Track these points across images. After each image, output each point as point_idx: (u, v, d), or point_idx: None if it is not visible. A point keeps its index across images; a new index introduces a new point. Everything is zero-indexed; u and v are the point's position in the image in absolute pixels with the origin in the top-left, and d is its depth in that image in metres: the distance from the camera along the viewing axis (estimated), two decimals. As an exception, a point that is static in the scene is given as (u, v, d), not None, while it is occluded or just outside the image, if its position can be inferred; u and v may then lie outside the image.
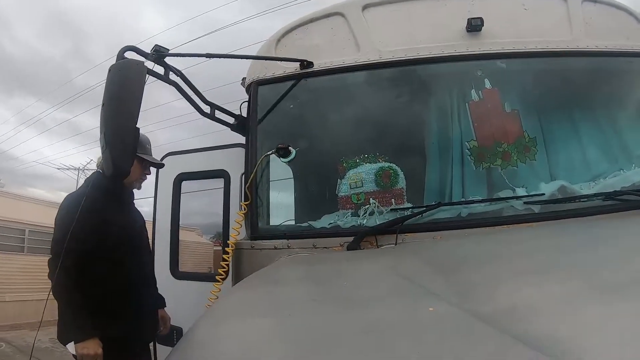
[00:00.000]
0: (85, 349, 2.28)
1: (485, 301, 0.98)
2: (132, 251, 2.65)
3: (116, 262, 2.51)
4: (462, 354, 0.79)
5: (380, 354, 0.84)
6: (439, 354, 0.80)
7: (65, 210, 2.50)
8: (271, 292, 1.48)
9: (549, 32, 2.25)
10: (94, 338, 2.31)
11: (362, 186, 2.05)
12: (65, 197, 2.68)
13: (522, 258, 1.33)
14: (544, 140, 2.13)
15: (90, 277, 2.39)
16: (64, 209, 2.51)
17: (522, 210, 1.93)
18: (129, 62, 1.89)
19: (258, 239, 2.09)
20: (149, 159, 2.84)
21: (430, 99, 2.24)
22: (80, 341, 2.30)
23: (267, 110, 2.31)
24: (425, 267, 1.36)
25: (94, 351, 2.28)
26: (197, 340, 1.16)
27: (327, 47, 2.30)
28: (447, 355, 0.79)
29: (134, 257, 2.66)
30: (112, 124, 1.81)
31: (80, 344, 2.29)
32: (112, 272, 2.48)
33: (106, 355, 2.33)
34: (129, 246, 2.62)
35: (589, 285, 0.98)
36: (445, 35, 2.23)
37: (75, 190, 2.85)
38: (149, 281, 2.85)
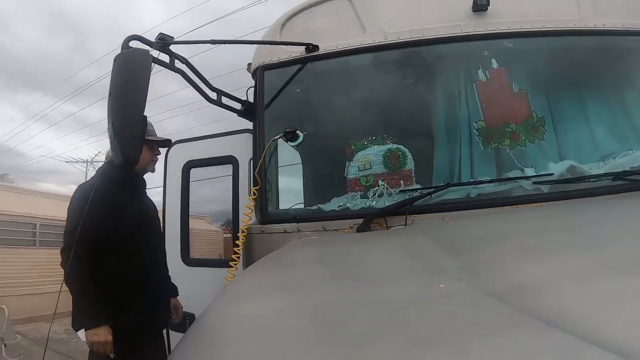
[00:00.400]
0: (95, 336, 2.30)
1: (496, 278, 0.98)
2: (144, 240, 2.66)
3: (128, 252, 2.52)
4: (473, 327, 0.80)
5: (393, 326, 0.85)
6: (452, 327, 0.81)
7: (76, 201, 2.50)
8: (282, 273, 1.49)
9: (556, 11, 2.22)
10: (105, 326, 2.33)
11: (370, 168, 2.06)
12: (77, 188, 2.69)
13: (531, 237, 1.33)
14: (552, 120, 2.12)
15: (102, 266, 2.41)
16: (75, 200, 2.53)
17: (531, 190, 1.93)
18: (134, 51, 1.89)
19: (268, 223, 2.11)
20: (154, 139, 2.80)
21: (437, 79, 2.22)
22: (90, 328, 2.33)
23: (274, 95, 2.31)
24: (436, 247, 1.37)
25: (104, 338, 2.30)
26: (209, 323, 1.16)
27: (332, 30, 2.29)
28: (459, 328, 0.80)
29: (146, 246, 2.67)
30: (119, 113, 1.82)
31: (90, 331, 2.32)
32: (124, 261, 2.49)
33: (117, 343, 2.36)
34: (140, 235, 2.63)
35: (599, 263, 0.98)
36: (451, 16, 2.21)
37: (86, 181, 2.86)
38: (161, 270, 2.86)
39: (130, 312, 2.46)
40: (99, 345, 2.31)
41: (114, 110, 1.83)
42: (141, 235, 2.64)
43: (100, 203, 2.35)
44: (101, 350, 2.31)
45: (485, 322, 0.81)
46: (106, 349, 2.32)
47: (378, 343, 0.79)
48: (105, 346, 2.31)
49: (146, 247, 2.65)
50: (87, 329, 2.34)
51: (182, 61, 2.21)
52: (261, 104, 2.31)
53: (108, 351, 2.32)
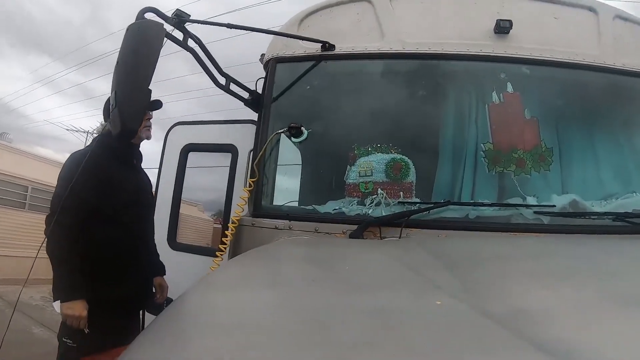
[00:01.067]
0: (70, 309, 2.25)
1: (494, 300, 0.96)
2: (132, 213, 2.59)
3: (114, 224, 2.47)
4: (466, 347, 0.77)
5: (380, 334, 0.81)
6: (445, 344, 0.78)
7: (67, 167, 2.46)
8: (267, 268, 1.47)
9: (577, 44, 2.21)
10: (81, 300, 2.27)
11: (371, 175, 2.02)
12: (70, 155, 2.64)
13: (531, 261, 1.32)
14: (560, 152, 2.10)
15: (87, 236, 2.36)
16: (66, 166, 2.48)
17: (531, 219, 1.91)
18: (149, 22, 1.86)
19: (260, 217, 2.07)
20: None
21: (450, 96, 2.20)
22: (66, 301, 2.27)
23: (284, 89, 2.28)
24: (432, 260, 1.34)
25: (79, 313, 2.25)
26: (184, 308, 1.13)
27: (350, 31, 2.26)
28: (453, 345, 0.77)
29: (134, 220, 2.61)
30: (124, 83, 1.79)
31: (65, 304, 2.26)
32: (109, 232, 2.44)
33: (92, 318, 2.30)
34: (129, 208, 2.57)
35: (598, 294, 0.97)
36: (471, 34, 2.20)
37: (80, 149, 2.78)
38: (147, 246, 2.80)
39: (110, 285, 2.41)
40: (73, 319, 2.25)
41: (119, 80, 1.80)
42: (129, 208, 2.57)
43: (90, 172, 2.29)
44: (74, 324, 2.26)
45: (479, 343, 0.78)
46: (79, 323, 2.26)
47: (362, 349, 0.76)
48: (79, 320, 2.26)
49: (133, 221, 2.59)
50: (63, 301, 2.28)
51: (195, 41, 2.18)
52: (269, 96, 2.27)
53: (82, 326, 2.27)
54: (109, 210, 2.46)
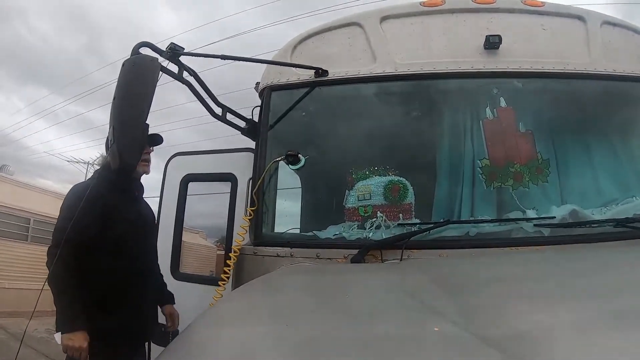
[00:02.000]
0: (70, 340, 2.25)
1: (493, 325, 0.95)
2: (134, 245, 2.59)
3: (115, 256, 2.46)
4: None
5: None
6: None
7: (69, 199, 2.47)
8: (271, 299, 1.46)
9: (567, 53, 2.23)
10: (82, 331, 2.27)
11: (370, 199, 2.03)
12: (72, 187, 2.65)
13: (531, 282, 1.31)
14: (556, 162, 2.11)
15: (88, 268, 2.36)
16: (68, 199, 2.49)
17: (531, 232, 1.91)
18: (144, 57, 1.89)
19: (261, 246, 2.07)
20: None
21: (444, 114, 2.21)
22: (66, 332, 2.27)
23: (279, 116, 2.29)
24: (431, 285, 1.33)
25: (79, 344, 2.24)
26: (191, 341, 1.14)
27: (343, 56, 2.29)
28: None
29: (135, 252, 2.60)
30: (122, 118, 1.81)
31: (66, 335, 2.26)
32: (109, 265, 2.43)
33: (94, 349, 2.30)
34: (130, 239, 2.57)
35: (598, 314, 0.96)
36: (462, 51, 2.22)
37: (82, 182, 2.81)
38: (151, 277, 2.79)
39: (110, 317, 2.39)
40: (73, 350, 2.25)
41: (117, 115, 1.82)
42: (130, 239, 2.57)
43: (91, 204, 2.30)
44: (75, 355, 2.25)
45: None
46: (80, 354, 2.25)
47: None
48: (80, 352, 2.25)
49: (134, 252, 2.58)
50: (63, 333, 2.28)
51: (190, 73, 2.21)
52: (265, 124, 2.29)
53: (82, 358, 2.26)
54: (110, 242, 2.45)
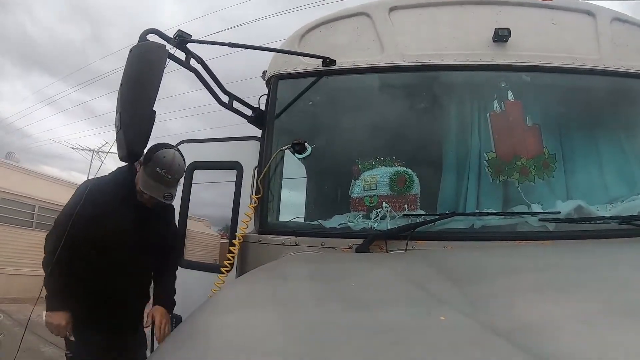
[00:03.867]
0: (50, 317, 2.35)
1: (500, 314, 0.95)
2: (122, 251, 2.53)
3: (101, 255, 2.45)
4: None
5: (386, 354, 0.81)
6: None
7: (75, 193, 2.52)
8: (275, 286, 1.47)
9: (576, 48, 2.21)
10: (62, 311, 2.35)
11: (375, 189, 2.03)
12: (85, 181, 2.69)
13: (537, 274, 1.31)
14: (563, 157, 2.10)
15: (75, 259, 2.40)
16: (76, 191, 2.53)
17: (536, 227, 1.91)
18: (151, 44, 1.89)
19: (266, 234, 2.08)
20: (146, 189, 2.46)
21: (452, 106, 2.21)
22: (48, 310, 2.37)
23: (286, 105, 2.29)
24: (437, 275, 1.34)
25: (57, 322, 2.33)
26: (195, 328, 1.14)
27: (350, 46, 2.28)
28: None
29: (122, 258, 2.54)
30: (128, 105, 1.81)
31: (47, 313, 2.37)
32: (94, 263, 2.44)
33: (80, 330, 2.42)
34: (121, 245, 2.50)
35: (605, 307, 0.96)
36: (470, 43, 2.21)
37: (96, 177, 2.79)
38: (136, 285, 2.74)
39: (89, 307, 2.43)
40: (53, 327, 2.36)
41: (124, 102, 1.82)
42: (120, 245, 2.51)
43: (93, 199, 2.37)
44: (54, 332, 2.37)
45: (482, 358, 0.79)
46: (60, 332, 2.36)
47: None
48: (59, 329, 2.35)
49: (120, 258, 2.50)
50: (46, 311, 2.39)
51: (197, 61, 2.20)
52: (272, 113, 2.29)
53: (62, 335, 2.39)
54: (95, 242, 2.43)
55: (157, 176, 2.42)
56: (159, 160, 2.42)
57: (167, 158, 2.42)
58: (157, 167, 2.41)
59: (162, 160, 2.42)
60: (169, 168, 2.43)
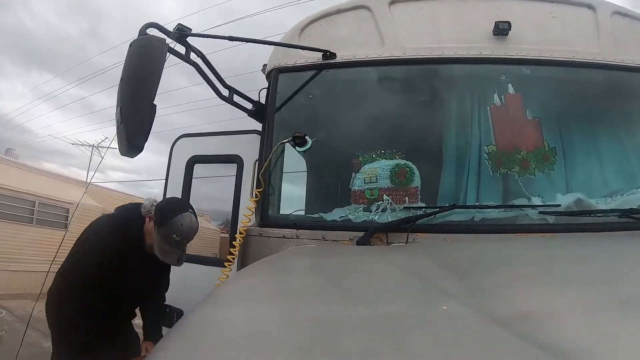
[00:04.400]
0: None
1: (501, 305, 0.96)
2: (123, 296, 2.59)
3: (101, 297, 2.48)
4: (474, 353, 0.77)
5: (389, 346, 0.82)
6: (452, 352, 0.78)
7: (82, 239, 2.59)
8: (277, 279, 1.47)
9: (576, 42, 2.21)
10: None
11: (376, 182, 2.03)
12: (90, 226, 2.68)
13: (538, 265, 1.31)
14: (563, 151, 2.10)
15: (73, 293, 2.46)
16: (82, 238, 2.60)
17: (536, 219, 1.92)
18: (151, 38, 1.89)
19: (267, 227, 2.09)
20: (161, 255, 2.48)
21: (452, 99, 2.21)
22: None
23: (286, 98, 2.29)
24: (438, 266, 1.34)
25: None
26: (197, 321, 1.14)
27: (351, 39, 2.28)
28: (460, 354, 0.77)
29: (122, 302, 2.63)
30: (129, 99, 1.81)
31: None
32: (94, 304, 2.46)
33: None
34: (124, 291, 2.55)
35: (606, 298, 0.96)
36: (471, 37, 2.21)
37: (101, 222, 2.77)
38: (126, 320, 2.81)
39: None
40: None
41: (124, 96, 1.82)
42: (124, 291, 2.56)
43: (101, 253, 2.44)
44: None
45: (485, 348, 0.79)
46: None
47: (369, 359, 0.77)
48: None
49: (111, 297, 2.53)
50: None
51: (197, 54, 2.20)
52: (272, 106, 2.29)
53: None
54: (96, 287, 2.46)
55: (173, 242, 2.41)
56: (176, 227, 2.40)
57: (184, 225, 2.41)
58: (173, 233, 2.40)
59: (180, 228, 2.40)
60: (186, 235, 2.44)
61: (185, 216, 2.44)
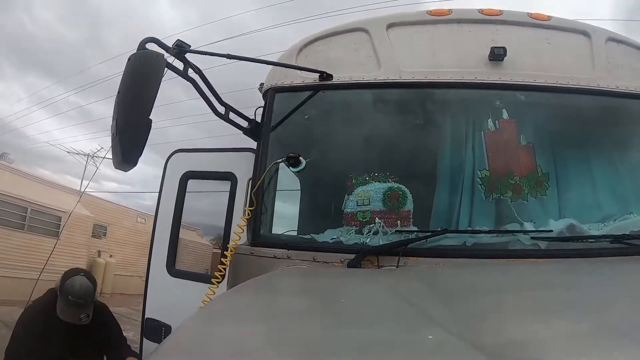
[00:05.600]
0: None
1: (488, 334, 0.95)
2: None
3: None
4: None
5: None
6: None
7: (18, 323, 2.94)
8: (266, 300, 1.47)
9: (571, 68, 2.23)
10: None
11: (369, 204, 2.03)
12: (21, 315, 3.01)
13: (527, 292, 1.32)
14: (556, 176, 2.11)
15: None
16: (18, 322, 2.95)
17: (528, 245, 1.91)
18: (150, 53, 1.89)
19: (258, 246, 2.08)
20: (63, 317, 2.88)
21: (446, 124, 2.22)
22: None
23: (282, 118, 2.29)
24: (427, 292, 1.34)
25: None
26: (184, 339, 1.14)
27: (348, 61, 2.30)
28: None
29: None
30: (125, 112, 1.82)
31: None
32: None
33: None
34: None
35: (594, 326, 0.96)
36: (467, 61, 2.22)
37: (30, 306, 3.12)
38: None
39: None
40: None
41: (120, 109, 1.83)
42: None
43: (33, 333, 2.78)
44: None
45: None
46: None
47: None
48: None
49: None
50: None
51: (195, 71, 2.21)
52: (268, 125, 2.29)
53: None
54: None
55: (71, 303, 2.82)
56: (68, 289, 2.81)
57: (74, 286, 2.83)
58: (68, 295, 2.81)
59: (71, 289, 2.81)
60: (78, 295, 2.82)
61: (76, 279, 2.87)
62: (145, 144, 1.88)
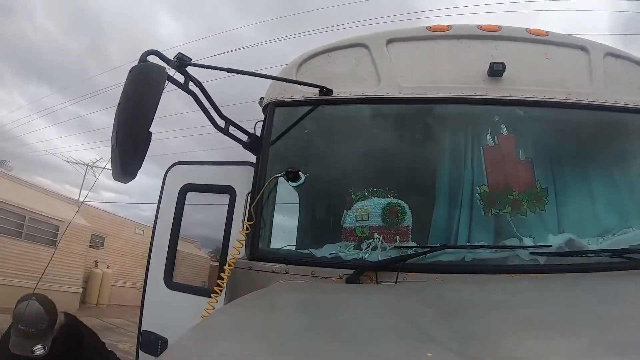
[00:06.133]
0: None
1: (487, 351, 0.95)
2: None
3: None
4: None
5: None
6: None
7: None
8: (264, 315, 1.46)
9: (569, 83, 2.25)
10: None
11: (367, 220, 2.03)
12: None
13: (526, 309, 1.31)
14: (555, 191, 2.11)
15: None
16: None
17: (527, 260, 1.91)
18: (151, 65, 1.90)
19: (257, 260, 2.07)
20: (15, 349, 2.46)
21: (446, 139, 2.23)
22: None
23: (282, 132, 2.30)
24: (426, 309, 1.34)
25: None
26: (181, 354, 1.13)
27: (347, 76, 2.31)
28: None
29: None
30: (125, 124, 1.83)
31: None
32: None
33: None
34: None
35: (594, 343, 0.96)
36: (466, 77, 2.24)
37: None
38: None
39: None
40: None
41: (120, 121, 1.83)
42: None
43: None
44: None
45: None
46: None
47: None
48: None
49: None
50: None
51: (196, 84, 2.22)
52: (268, 139, 2.30)
53: None
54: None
55: (21, 333, 2.42)
56: (17, 316, 2.43)
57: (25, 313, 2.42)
58: (18, 323, 2.42)
59: (20, 316, 2.42)
60: (26, 322, 2.42)
61: (23, 305, 2.46)
62: (145, 156, 1.88)
